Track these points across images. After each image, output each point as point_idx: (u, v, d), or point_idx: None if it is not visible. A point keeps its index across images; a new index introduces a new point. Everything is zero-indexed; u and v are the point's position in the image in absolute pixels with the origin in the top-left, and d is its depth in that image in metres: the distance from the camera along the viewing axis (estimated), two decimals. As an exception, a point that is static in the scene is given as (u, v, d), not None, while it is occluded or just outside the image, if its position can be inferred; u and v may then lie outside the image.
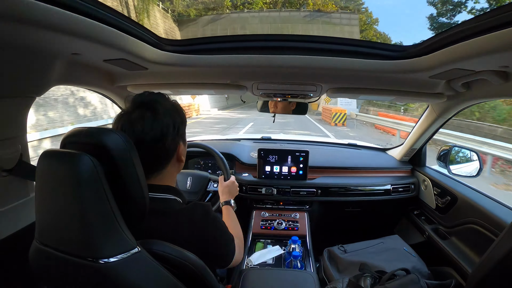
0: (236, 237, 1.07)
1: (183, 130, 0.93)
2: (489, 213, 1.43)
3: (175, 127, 0.87)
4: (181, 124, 0.90)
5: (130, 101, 0.87)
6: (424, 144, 2.08)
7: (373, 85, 1.39)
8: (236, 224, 1.27)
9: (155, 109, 0.83)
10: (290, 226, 1.91)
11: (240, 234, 1.22)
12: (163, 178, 0.89)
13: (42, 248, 0.64)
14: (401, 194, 2.11)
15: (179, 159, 0.93)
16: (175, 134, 0.87)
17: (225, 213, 1.34)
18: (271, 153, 2.02)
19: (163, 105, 0.86)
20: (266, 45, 1.14)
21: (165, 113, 0.84)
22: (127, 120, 0.81)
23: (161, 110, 0.84)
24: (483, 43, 0.79)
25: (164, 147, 0.85)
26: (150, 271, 0.65)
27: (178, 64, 1.17)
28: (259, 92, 1.59)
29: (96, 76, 1.31)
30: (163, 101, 0.87)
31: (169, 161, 0.89)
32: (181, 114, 0.91)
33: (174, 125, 0.86)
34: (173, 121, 0.86)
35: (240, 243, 1.13)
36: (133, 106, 0.84)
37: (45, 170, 0.62)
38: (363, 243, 1.78)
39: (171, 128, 0.85)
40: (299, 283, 1.29)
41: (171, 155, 0.89)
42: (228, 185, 1.49)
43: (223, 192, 1.47)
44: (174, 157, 0.90)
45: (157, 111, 0.83)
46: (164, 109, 0.85)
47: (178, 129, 0.89)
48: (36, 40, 0.78)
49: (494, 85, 1.13)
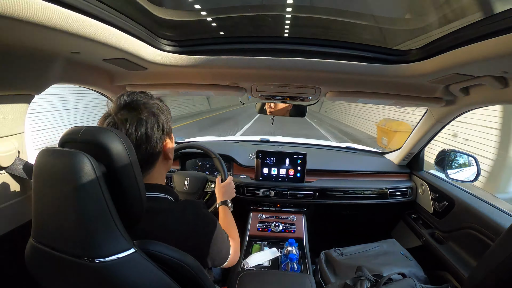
0: (231, 238, 1.08)
1: (169, 128, 0.93)
2: (486, 218, 1.43)
3: (160, 126, 0.86)
4: (166, 122, 0.90)
5: (113, 102, 0.86)
6: (422, 148, 2.08)
7: (372, 89, 1.39)
8: (232, 224, 1.27)
9: (139, 110, 0.82)
10: (287, 228, 1.91)
11: (236, 235, 1.22)
12: (152, 177, 0.90)
13: (38, 246, 0.64)
14: (398, 198, 2.11)
15: (166, 157, 0.93)
16: (161, 133, 0.87)
17: (221, 214, 1.34)
18: (269, 155, 2.01)
19: (147, 105, 0.85)
20: (266, 47, 1.14)
21: (149, 113, 0.83)
22: (111, 122, 0.81)
23: (144, 110, 0.83)
24: (483, 49, 0.79)
25: (150, 147, 0.84)
26: (146, 272, 0.65)
27: (178, 64, 1.18)
28: (258, 94, 1.60)
29: (95, 75, 1.31)
30: (146, 101, 0.86)
31: (156, 160, 0.89)
32: (165, 112, 0.91)
33: (159, 124, 0.86)
34: (158, 120, 0.86)
35: (235, 244, 1.13)
36: (116, 107, 0.83)
37: (42, 168, 0.62)
38: (360, 247, 1.78)
39: (155, 128, 0.85)
40: (296, 286, 1.28)
41: (158, 154, 0.89)
42: (224, 186, 1.50)
43: (220, 192, 1.47)
44: (161, 155, 0.90)
45: (140, 112, 0.82)
46: (148, 109, 0.84)
47: (163, 128, 0.88)
48: (36, 38, 0.78)
49: (492, 91, 1.14)
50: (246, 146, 2.42)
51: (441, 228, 1.78)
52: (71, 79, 1.18)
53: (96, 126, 0.69)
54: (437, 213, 1.83)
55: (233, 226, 1.26)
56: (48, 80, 1.01)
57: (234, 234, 1.19)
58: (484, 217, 1.44)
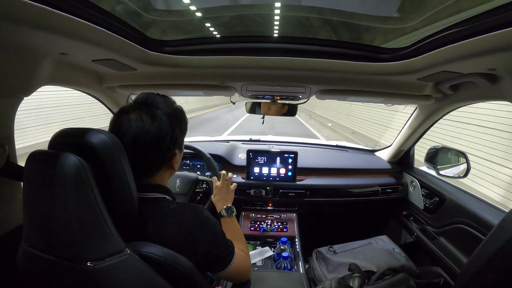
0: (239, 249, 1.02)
1: (181, 139, 0.91)
2: (476, 214, 1.45)
3: (173, 136, 0.84)
4: (180, 133, 0.87)
5: (133, 99, 0.84)
6: (412, 145, 2.10)
7: (362, 87, 1.40)
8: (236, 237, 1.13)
9: (154, 114, 0.80)
10: (279, 227, 1.91)
11: (243, 247, 1.12)
12: (154, 178, 0.87)
13: (30, 251, 0.63)
14: (389, 195, 2.12)
15: (172, 167, 0.90)
16: (172, 142, 0.84)
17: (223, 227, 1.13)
18: (259, 155, 2.01)
19: (164, 110, 0.82)
20: (255, 46, 1.14)
21: (164, 120, 0.81)
22: (125, 120, 0.79)
23: (161, 115, 0.81)
24: (471, 46, 0.80)
25: (158, 154, 0.82)
26: (139, 274, 0.64)
27: (167, 64, 1.17)
28: (248, 93, 1.60)
29: (84, 77, 1.29)
30: (165, 106, 0.83)
31: (161, 167, 0.87)
32: (181, 122, 0.88)
33: (173, 134, 0.83)
34: (172, 129, 0.83)
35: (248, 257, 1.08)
36: (133, 106, 0.82)
37: (32, 171, 0.62)
38: (352, 244, 1.79)
39: (168, 136, 0.82)
40: (289, 285, 1.29)
41: (165, 162, 0.87)
42: (217, 194, 1.33)
43: (217, 200, 1.31)
44: (166, 164, 0.88)
45: (156, 116, 0.80)
46: (164, 115, 0.82)
47: (176, 138, 0.86)
48: (24, 39, 0.77)
49: (481, 88, 1.15)
50: (237, 146, 2.41)
51: (433, 224, 1.80)
52: (60, 81, 1.16)
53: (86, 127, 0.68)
54: (428, 209, 1.85)
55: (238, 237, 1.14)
56: (37, 82, 0.99)
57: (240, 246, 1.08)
58: (475, 213, 1.46)
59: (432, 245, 1.71)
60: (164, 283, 0.69)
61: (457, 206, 1.60)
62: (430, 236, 1.78)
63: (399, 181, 2.17)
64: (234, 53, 1.15)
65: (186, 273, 0.75)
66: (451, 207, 1.65)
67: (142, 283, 0.64)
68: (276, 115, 1.78)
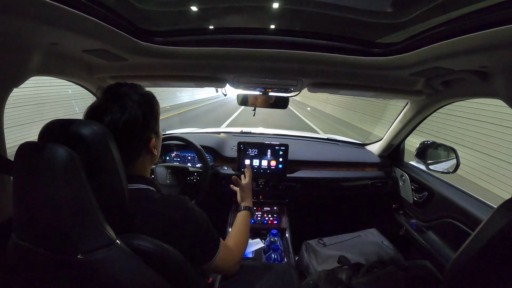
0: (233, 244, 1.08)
1: (155, 123, 0.92)
2: (465, 208, 1.47)
3: (145, 120, 0.85)
4: (151, 117, 0.88)
5: (101, 91, 0.86)
6: (403, 140, 2.12)
7: (354, 81, 1.40)
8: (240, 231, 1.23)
9: (123, 102, 0.82)
10: (270, 219, 1.92)
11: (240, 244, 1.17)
12: (135, 168, 0.88)
13: (21, 243, 0.63)
14: (379, 188, 2.15)
15: (150, 152, 0.91)
16: (145, 127, 0.86)
17: (239, 217, 1.34)
18: (250, 147, 2.00)
19: (132, 97, 0.84)
20: (248, 38, 1.14)
21: (133, 106, 0.82)
22: (95, 113, 0.80)
23: (129, 103, 0.82)
24: (463, 43, 0.81)
25: (132, 140, 0.84)
26: (129, 265, 0.64)
27: (158, 55, 1.16)
28: (240, 85, 1.59)
29: (75, 67, 1.28)
30: (132, 93, 0.85)
31: (139, 154, 0.88)
32: (152, 106, 0.89)
33: (144, 118, 0.85)
34: (143, 114, 0.84)
35: (236, 252, 1.10)
36: (102, 98, 0.83)
37: (21, 164, 0.61)
38: (342, 236, 1.81)
39: (140, 121, 0.83)
40: (279, 276, 1.30)
41: (141, 148, 0.88)
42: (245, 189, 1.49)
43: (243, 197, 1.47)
44: (144, 150, 0.89)
45: (124, 104, 0.81)
46: (133, 101, 0.83)
47: (149, 122, 0.87)
48: (14, 28, 0.76)
49: (472, 84, 1.17)
50: (228, 138, 2.41)
51: (422, 218, 1.83)
52: (51, 71, 1.15)
53: (75, 118, 0.68)
54: (417, 204, 1.88)
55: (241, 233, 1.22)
56: (26, 72, 0.98)
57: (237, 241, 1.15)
58: (463, 207, 1.49)
59: (421, 238, 1.74)
60: (154, 274, 0.69)
61: (446, 201, 1.62)
62: (419, 229, 1.81)
63: (389, 175, 2.19)
64: (226, 45, 1.14)
65: (177, 265, 0.76)
66: (440, 201, 1.68)
67: (132, 275, 0.64)
68: (264, 107, 1.77)
